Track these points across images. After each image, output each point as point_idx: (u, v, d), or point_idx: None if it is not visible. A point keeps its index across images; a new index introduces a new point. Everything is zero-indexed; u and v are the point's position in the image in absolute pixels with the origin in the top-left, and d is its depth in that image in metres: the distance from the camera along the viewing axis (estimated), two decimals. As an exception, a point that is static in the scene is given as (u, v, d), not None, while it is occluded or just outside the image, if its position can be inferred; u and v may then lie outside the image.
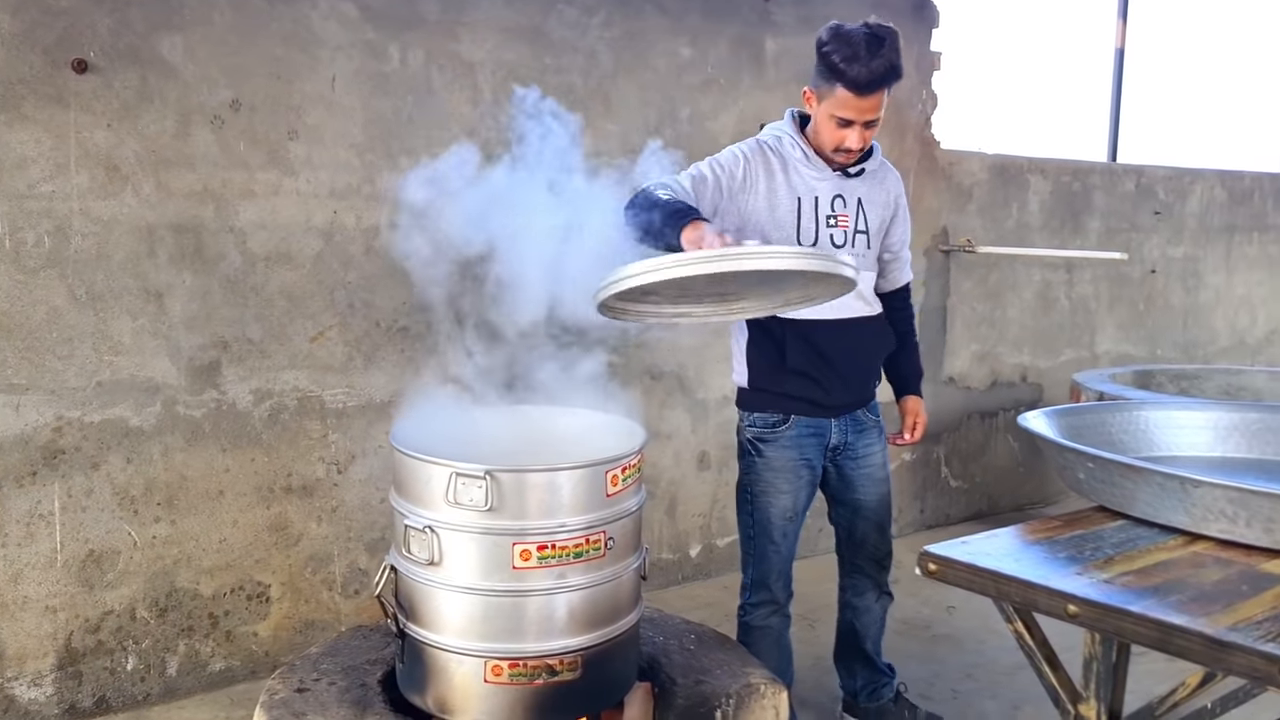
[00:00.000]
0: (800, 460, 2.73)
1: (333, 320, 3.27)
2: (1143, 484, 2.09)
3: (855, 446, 2.79)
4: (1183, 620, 1.64)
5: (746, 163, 2.59)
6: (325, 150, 3.19)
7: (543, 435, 2.40)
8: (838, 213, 2.62)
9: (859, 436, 2.79)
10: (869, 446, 2.81)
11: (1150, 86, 6.12)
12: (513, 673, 2.09)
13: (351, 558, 3.38)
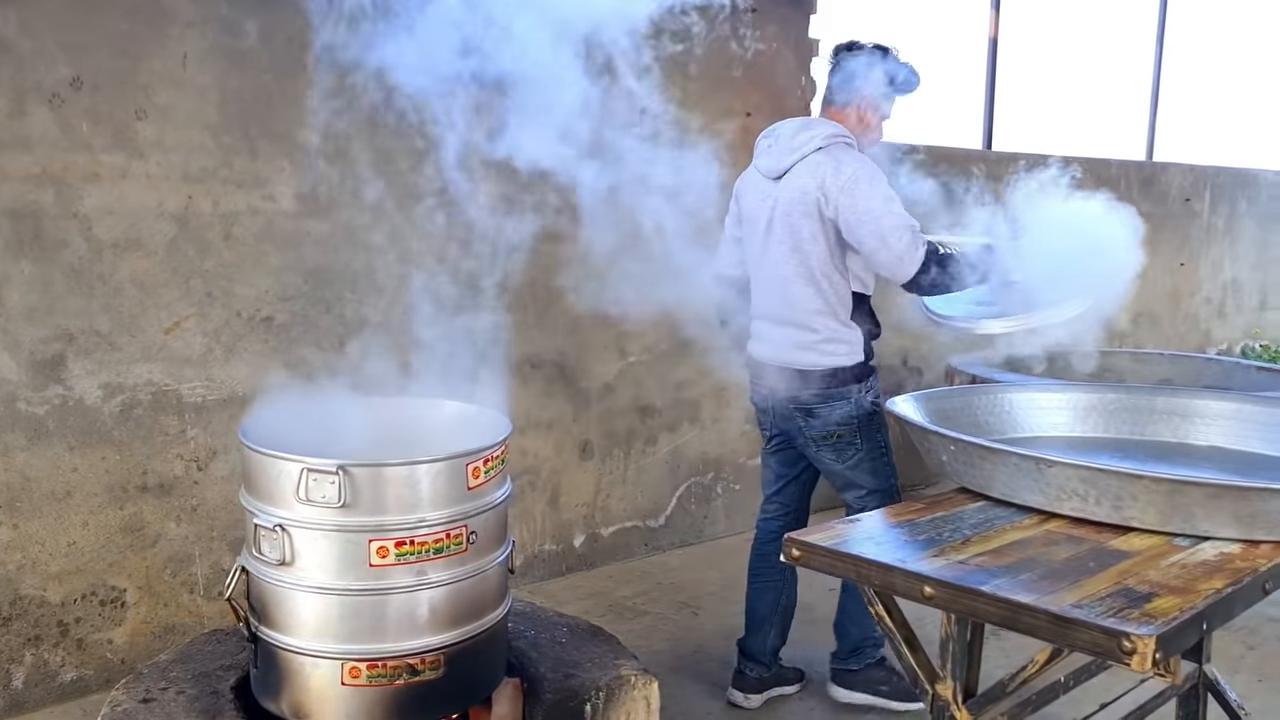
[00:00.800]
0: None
1: (189, 310, 3.12)
2: (1000, 465, 2.12)
3: None
4: (1030, 598, 1.66)
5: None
6: (178, 131, 3.04)
7: (405, 427, 2.33)
8: None
9: None
10: None
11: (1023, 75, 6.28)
12: (372, 674, 2.02)
13: (215, 558, 3.24)
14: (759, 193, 2.96)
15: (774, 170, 2.91)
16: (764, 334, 3.03)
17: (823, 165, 2.81)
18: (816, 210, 2.81)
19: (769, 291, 2.97)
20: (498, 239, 3.80)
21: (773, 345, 2.99)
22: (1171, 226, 7.06)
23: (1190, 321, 7.39)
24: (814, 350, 2.92)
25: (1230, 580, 1.77)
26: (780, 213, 2.87)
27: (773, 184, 2.91)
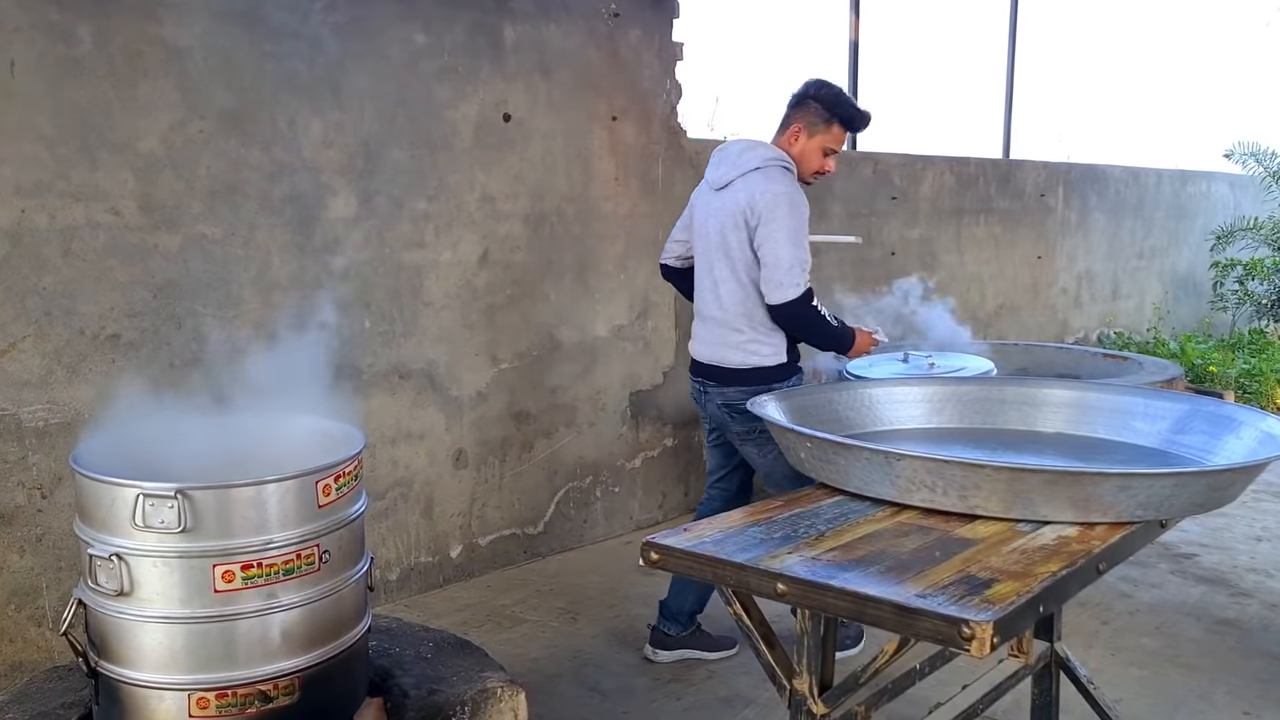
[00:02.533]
0: None
1: (26, 330, 2.97)
2: (853, 460, 2.16)
3: None
4: (877, 590, 1.69)
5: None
6: (7, 144, 2.88)
7: (251, 446, 2.25)
8: None
9: None
10: None
11: (884, 77, 6.45)
12: (221, 704, 1.95)
13: (64, 589, 3.09)
14: (705, 201, 3.27)
15: (718, 182, 3.21)
16: (700, 333, 3.33)
17: (756, 183, 3.10)
18: (744, 222, 3.11)
19: (706, 293, 3.28)
20: (359, 248, 3.72)
21: (706, 344, 3.28)
22: (1029, 221, 7.35)
23: (1049, 312, 7.71)
24: (740, 350, 3.19)
25: (1066, 563, 1.84)
26: (716, 222, 3.18)
27: (716, 195, 3.22)
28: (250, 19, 3.33)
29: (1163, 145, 9.74)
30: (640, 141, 4.65)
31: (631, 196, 4.64)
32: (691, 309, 3.40)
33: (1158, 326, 8.85)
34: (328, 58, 3.55)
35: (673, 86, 4.76)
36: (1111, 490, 1.95)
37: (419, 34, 3.79)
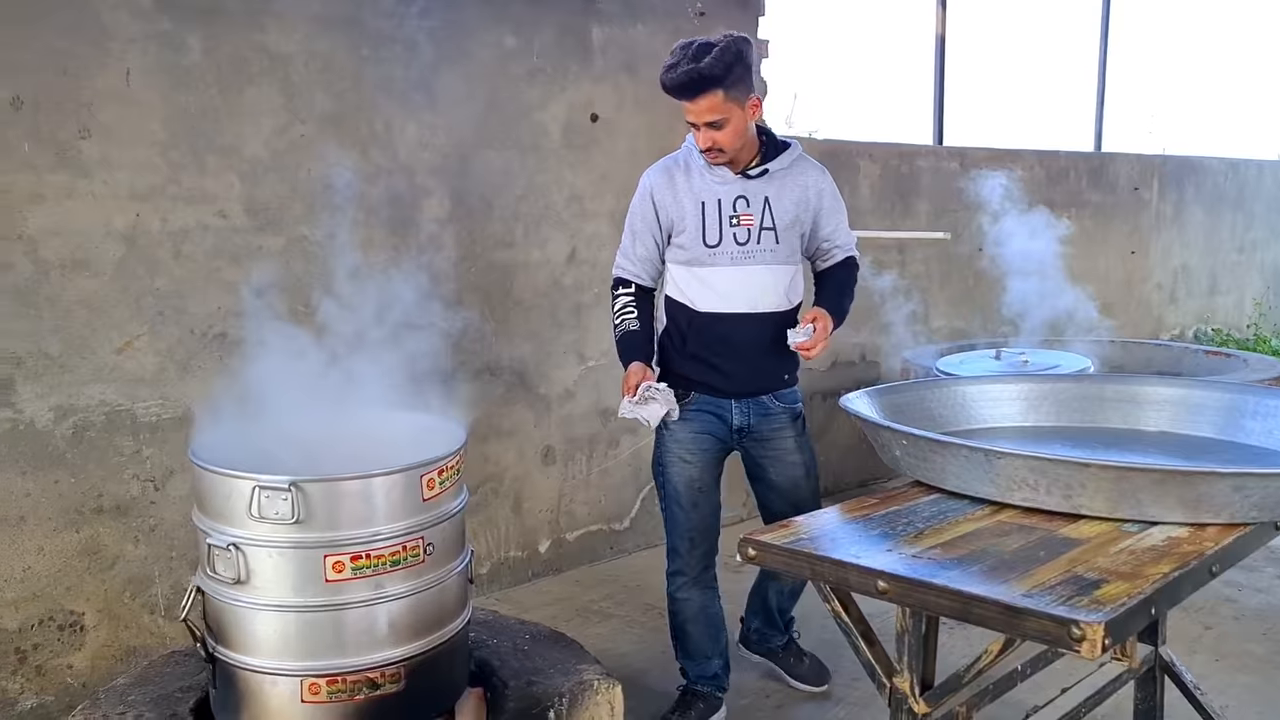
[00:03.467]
0: (701, 433, 2.91)
1: (141, 329, 3.09)
2: (951, 458, 2.14)
3: (760, 430, 2.93)
4: (982, 589, 1.68)
5: (650, 194, 2.87)
6: (123, 149, 3.00)
7: (360, 440, 2.32)
8: (740, 213, 2.80)
9: (764, 420, 2.93)
10: (776, 431, 2.94)
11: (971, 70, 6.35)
12: (331, 690, 2.01)
13: (175, 578, 3.21)
14: None
15: None
16: None
17: None
18: None
19: None
20: (452, 247, 3.79)
21: None
22: (1122, 216, 7.17)
23: (1143, 308, 7.50)
24: None
25: (1178, 564, 1.80)
26: None
27: None
28: (349, 25, 3.42)
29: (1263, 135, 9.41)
30: (726, 139, 4.65)
31: (717, 194, 4.64)
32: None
33: (1258, 323, 8.55)
34: (422, 61, 3.62)
35: (757, 84, 4.74)
36: (1225, 490, 1.90)
37: (509, 36, 3.85)
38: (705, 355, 2.87)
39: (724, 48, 2.61)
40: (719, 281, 2.82)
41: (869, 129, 5.78)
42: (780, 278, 2.86)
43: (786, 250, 2.86)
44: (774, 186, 2.83)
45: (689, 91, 2.63)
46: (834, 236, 2.98)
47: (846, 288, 2.99)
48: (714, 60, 2.59)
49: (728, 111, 2.65)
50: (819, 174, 2.92)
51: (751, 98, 2.71)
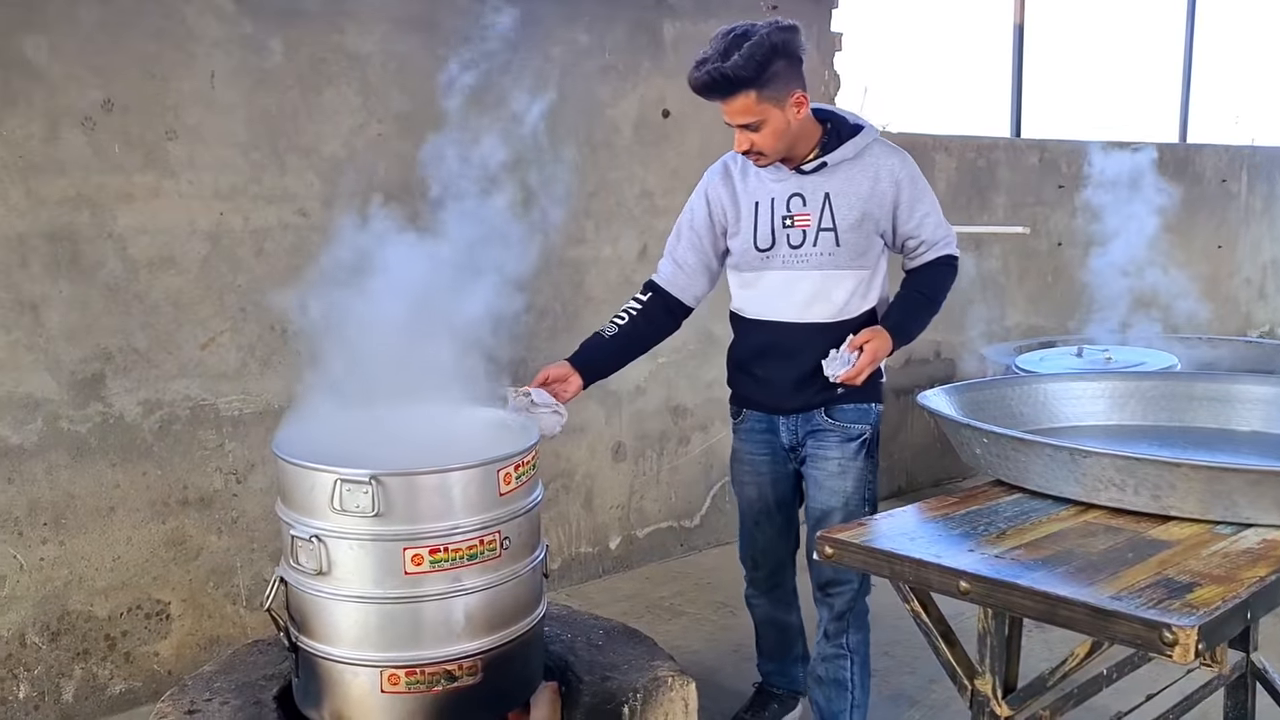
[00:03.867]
0: (756, 454, 2.74)
1: (224, 326, 3.16)
2: (1034, 456, 2.10)
3: (809, 449, 2.66)
4: (1068, 591, 1.64)
5: (705, 191, 2.67)
6: (207, 150, 3.08)
7: (436, 435, 2.34)
8: (794, 212, 2.54)
9: (812, 438, 2.65)
10: (821, 451, 2.64)
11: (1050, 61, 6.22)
12: (410, 681, 2.03)
13: (256, 569, 3.28)
14: None
15: None
16: None
17: None
18: None
19: None
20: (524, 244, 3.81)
21: None
22: (1208, 209, 6.95)
23: (1230, 304, 7.27)
24: None
25: (1275, 568, 1.73)
26: None
27: None
28: (425, 25, 3.46)
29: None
30: (798, 134, 4.62)
31: (789, 190, 4.62)
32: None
33: (1352, 320, 8.23)
34: (495, 60, 3.65)
35: (830, 78, 4.71)
36: (1325, 492, 1.83)
37: (582, 34, 3.87)
38: (750, 367, 2.68)
39: (756, 42, 2.29)
40: (766, 287, 2.60)
41: (944, 122, 5.68)
42: (838, 284, 2.56)
43: (851, 253, 2.55)
44: (837, 180, 2.53)
45: (714, 93, 2.37)
46: (919, 231, 2.62)
47: (925, 298, 2.65)
48: (743, 60, 2.29)
49: (762, 113, 2.37)
50: (897, 160, 2.57)
51: (794, 95, 2.39)
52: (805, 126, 2.47)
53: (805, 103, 2.43)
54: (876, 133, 2.57)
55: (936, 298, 2.66)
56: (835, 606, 2.67)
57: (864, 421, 2.63)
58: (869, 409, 2.64)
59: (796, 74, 2.39)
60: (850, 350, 2.48)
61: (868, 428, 2.63)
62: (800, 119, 2.43)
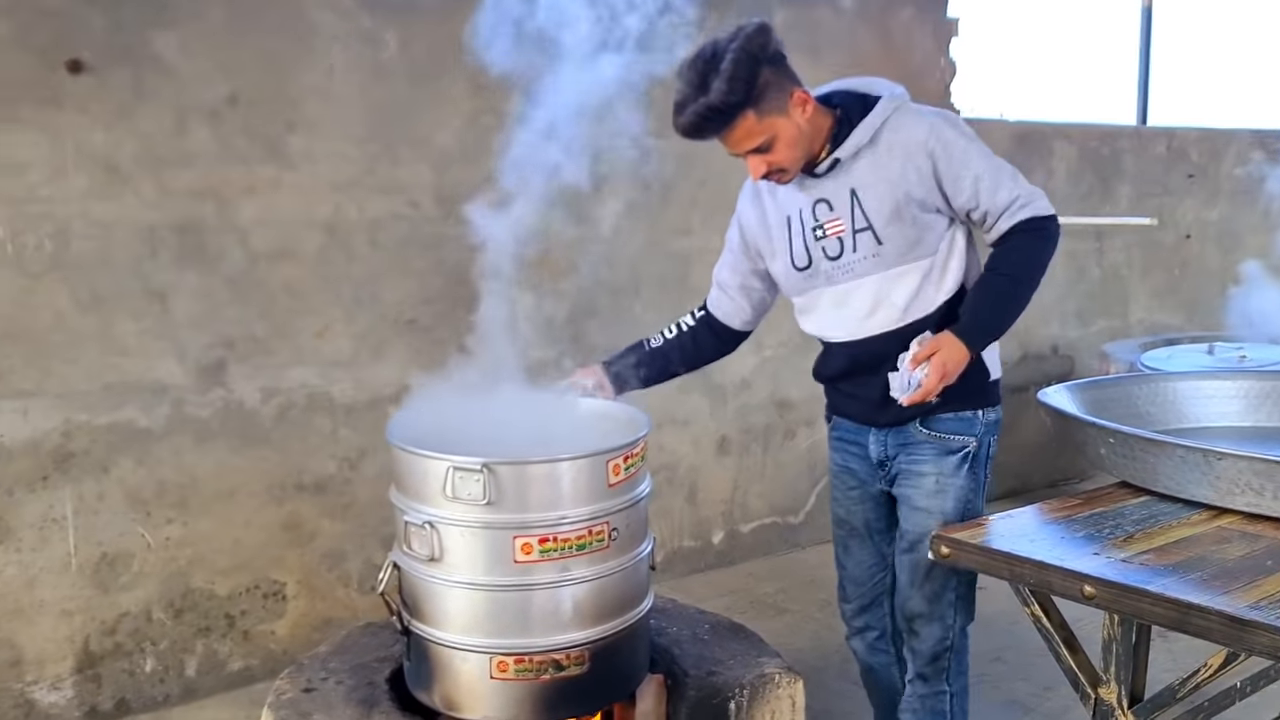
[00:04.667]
0: (843, 467, 2.46)
1: (338, 315, 3.24)
2: (1164, 458, 2.01)
3: (900, 464, 2.32)
4: (1202, 599, 1.57)
5: (739, 215, 2.44)
6: (324, 142, 3.16)
7: (545, 425, 2.35)
8: (823, 221, 2.23)
9: (904, 451, 2.30)
10: (915, 464, 2.28)
11: (1180, 45, 5.95)
12: (519, 668, 2.05)
13: (367, 554, 3.36)
14: None
15: None
16: None
17: None
18: None
19: None
20: (630, 235, 3.82)
21: None
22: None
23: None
24: None
25: None
26: None
27: None
28: (534, 17, 3.48)
29: None
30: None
31: (900, 180, 4.52)
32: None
33: None
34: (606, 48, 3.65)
35: (946, 65, 4.59)
36: None
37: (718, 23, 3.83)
38: (837, 385, 2.43)
39: (733, 60, 2.02)
40: (823, 308, 2.30)
41: (1065, 110, 5.48)
42: (897, 284, 2.20)
43: (901, 247, 2.17)
44: (859, 172, 2.17)
45: (709, 131, 2.10)
46: (977, 200, 2.14)
47: (1005, 279, 2.19)
48: (725, 84, 2.01)
49: (769, 130, 2.07)
50: (924, 127, 2.13)
51: (794, 94, 2.09)
52: (816, 121, 2.14)
53: (808, 98, 2.11)
54: (898, 101, 2.18)
55: (1020, 276, 2.19)
56: (922, 650, 2.34)
57: (967, 432, 2.25)
58: (974, 418, 2.26)
59: (787, 73, 2.09)
60: (913, 367, 2.11)
61: (971, 440, 2.25)
62: (809, 117, 2.12)
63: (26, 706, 2.91)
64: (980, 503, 2.28)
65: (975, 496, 2.27)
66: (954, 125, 2.18)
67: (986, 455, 2.29)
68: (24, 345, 2.81)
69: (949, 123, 2.17)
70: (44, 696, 2.93)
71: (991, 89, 5.32)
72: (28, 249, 2.79)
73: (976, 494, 2.27)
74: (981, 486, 2.29)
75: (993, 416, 2.30)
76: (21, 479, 2.84)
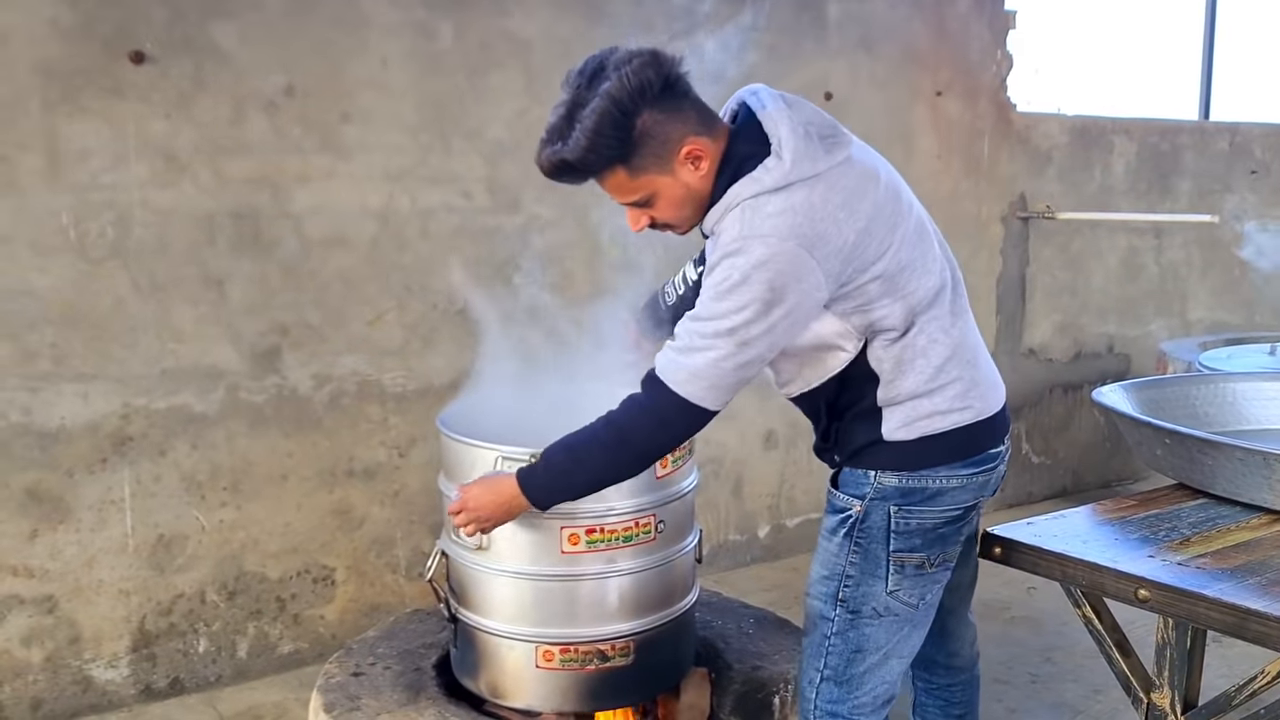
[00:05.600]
0: None
1: (390, 303, 3.27)
2: (1222, 460, 1.96)
3: None
4: (1262, 604, 1.53)
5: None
6: (378, 133, 3.18)
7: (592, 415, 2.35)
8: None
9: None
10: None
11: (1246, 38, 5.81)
12: (564, 658, 2.06)
13: (415, 541, 3.39)
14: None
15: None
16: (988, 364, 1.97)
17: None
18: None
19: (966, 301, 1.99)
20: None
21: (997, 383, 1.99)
22: None
23: None
24: None
25: None
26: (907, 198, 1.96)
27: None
28: (587, 7, 3.48)
29: None
30: (965, 117, 4.45)
31: (954, 175, 4.46)
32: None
33: None
34: (657, 41, 3.64)
35: (1003, 58, 4.52)
36: None
37: (745, 14, 3.82)
38: None
39: (595, 112, 1.66)
40: None
41: (1125, 104, 5.38)
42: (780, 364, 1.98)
43: None
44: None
45: (569, 179, 1.77)
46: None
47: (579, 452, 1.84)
48: (586, 139, 1.67)
49: (647, 187, 1.76)
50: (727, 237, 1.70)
51: (685, 148, 1.73)
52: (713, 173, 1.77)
53: (702, 152, 1.74)
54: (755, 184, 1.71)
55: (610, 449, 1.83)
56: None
57: (852, 493, 1.89)
58: (863, 479, 1.87)
59: (679, 117, 1.73)
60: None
61: (855, 503, 1.87)
62: (702, 175, 1.76)
63: (84, 683, 2.98)
64: (871, 588, 1.86)
65: (859, 575, 1.86)
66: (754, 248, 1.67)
67: (886, 529, 1.84)
68: (85, 330, 2.87)
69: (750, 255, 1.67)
70: (101, 674, 2.99)
71: (1049, 82, 5.22)
72: (90, 236, 2.85)
73: (861, 575, 1.86)
74: (877, 567, 1.85)
75: (893, 483, 1.84)
76: (81, 461, 2.90)
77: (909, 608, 1.86)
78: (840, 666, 1.89)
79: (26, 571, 2.88)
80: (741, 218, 1.69)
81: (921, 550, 1.85)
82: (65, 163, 2.80)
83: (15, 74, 2.72)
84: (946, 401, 1.83)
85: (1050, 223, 4.76)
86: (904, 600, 1.85)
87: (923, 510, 1.84)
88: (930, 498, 1.84)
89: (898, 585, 1.85)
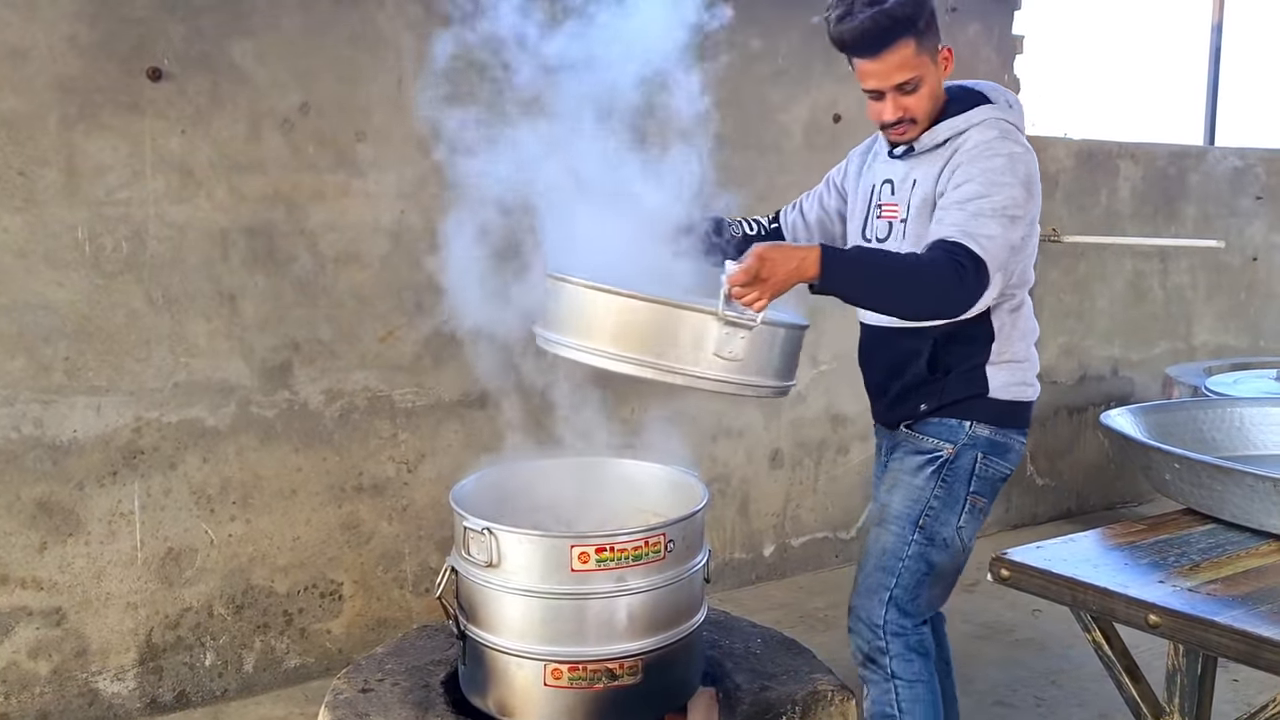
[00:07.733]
0: (879, 471, 2.47)
1: (401, 320, 3.29)
2: (1232, 485, 1.97)
3: (889, 464, 2.33)
4: (1273, 632, 1.53)
5: (850, 158, 2.43)
6: (392, 150, 3.21)
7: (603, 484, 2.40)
8: (883, 202, 2.22)
9: (893, 453, 2.32)
10: (893, 463, 2.29)
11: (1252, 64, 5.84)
12: (573, 676, 2.07)
13: (422, 556, 3.40)
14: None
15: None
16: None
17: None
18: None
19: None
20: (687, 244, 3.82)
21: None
22: None
23: None
24: None
25: None
26: None
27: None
28: (600, 30, 3.51)
29: None
30: (973, 140, 4.48)
31: (961, 197, 4.48)
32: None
33: None
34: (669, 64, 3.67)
35: (1010, 81, 4.54)
36: None
37: (755, 39, 3.85)
38: (862, 367, 2.42)
39: None
40: None
41: (1130, 129, 5.41)
42: None
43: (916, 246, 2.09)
44: (925, 167, 2.14)
45: (875, 44, 1.99)
46: (944, 213, 2.03)
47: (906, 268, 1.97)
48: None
49: (920, 68, 2.02)
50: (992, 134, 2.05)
51: (944, 49, 2.08)
52: (942, 92, 2.12)
53: (950, 57, 2.09)
54: (1000, 111, 2.09)
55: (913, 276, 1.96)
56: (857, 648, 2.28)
57: (944, 438, 2.18)
58: (957, 426, 2.17)
59: (938, 24, 2.08)
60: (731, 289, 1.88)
61: (947, 446, 2.17)
62: (944, 78, 2.11)
63: (90, 695, 2.98)
64: (948, 520, 2.16)
65: (940, 508, 2.16)
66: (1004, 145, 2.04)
67: (970, 472, 2.17)
68: (98, 343, 2.89)
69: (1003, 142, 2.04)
70: (107, 686, 3.00)
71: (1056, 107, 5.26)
72: (105, 249, 2.87)
73: (943, 507, 2.16)
74: (956, 503, 2.17)
75: (985, 434, 2.18)
76: (92, 473, 2.92)
77: (963, 544, 2.22)
78: (910, 585, 2.19)
79: (35, 584, 2.89)
80: (1000, 128, 2.06)
81: (986, 496, 2.22)
82: (82, 178, 2.82)
83: (34, 90, 2.75)
84: (1030, 375, 2.25)
85: (1056, 245, 4.77)
86: (963, 537, 2.21)
87: (999, 463, 2.22)
88: (1005, 453, 2.22)
89: (965, 523, 2.20)
